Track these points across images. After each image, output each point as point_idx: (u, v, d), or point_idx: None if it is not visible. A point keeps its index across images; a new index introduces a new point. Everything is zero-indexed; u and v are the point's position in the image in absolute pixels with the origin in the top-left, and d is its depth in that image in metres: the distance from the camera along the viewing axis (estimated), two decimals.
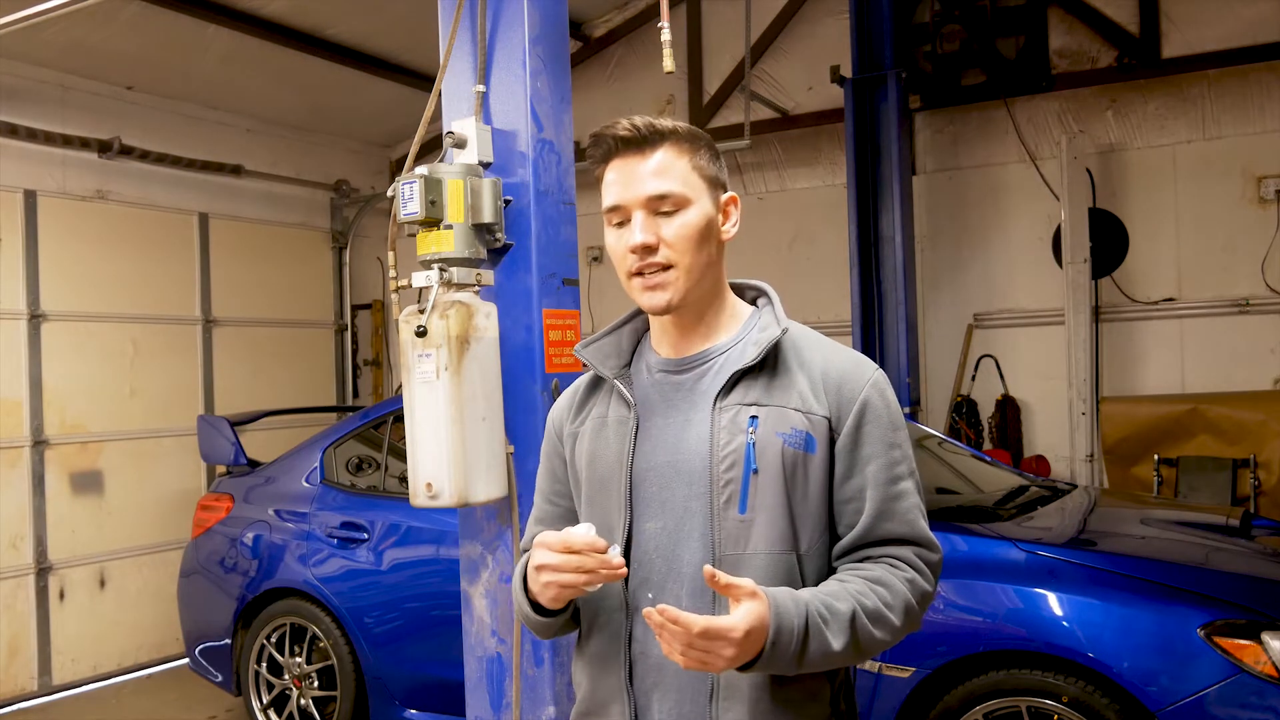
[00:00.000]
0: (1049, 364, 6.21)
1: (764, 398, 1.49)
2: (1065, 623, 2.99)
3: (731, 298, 1.61)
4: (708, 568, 1.31)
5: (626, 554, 1.50)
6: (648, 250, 1.48)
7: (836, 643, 1.38)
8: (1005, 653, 3.02)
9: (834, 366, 1.53)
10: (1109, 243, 6.08)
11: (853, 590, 1.42)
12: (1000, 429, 6.31)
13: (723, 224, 1.56)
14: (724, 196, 1.56)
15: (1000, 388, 6.41)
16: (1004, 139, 6.38)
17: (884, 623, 1.42)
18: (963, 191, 6.54)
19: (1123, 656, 2.86)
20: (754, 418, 1.48)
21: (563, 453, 1.67)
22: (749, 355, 1.51)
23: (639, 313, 1.67)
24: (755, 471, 1.46)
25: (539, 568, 1.44)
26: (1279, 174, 5.71)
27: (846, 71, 6.19)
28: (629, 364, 1.63)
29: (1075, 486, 4.35)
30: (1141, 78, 6.00)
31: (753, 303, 1.64)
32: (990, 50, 6.25)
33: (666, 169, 1.49)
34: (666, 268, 1.49)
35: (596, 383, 1.66)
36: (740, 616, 1.30)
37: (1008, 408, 6.32)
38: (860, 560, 1.49)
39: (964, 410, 6.41)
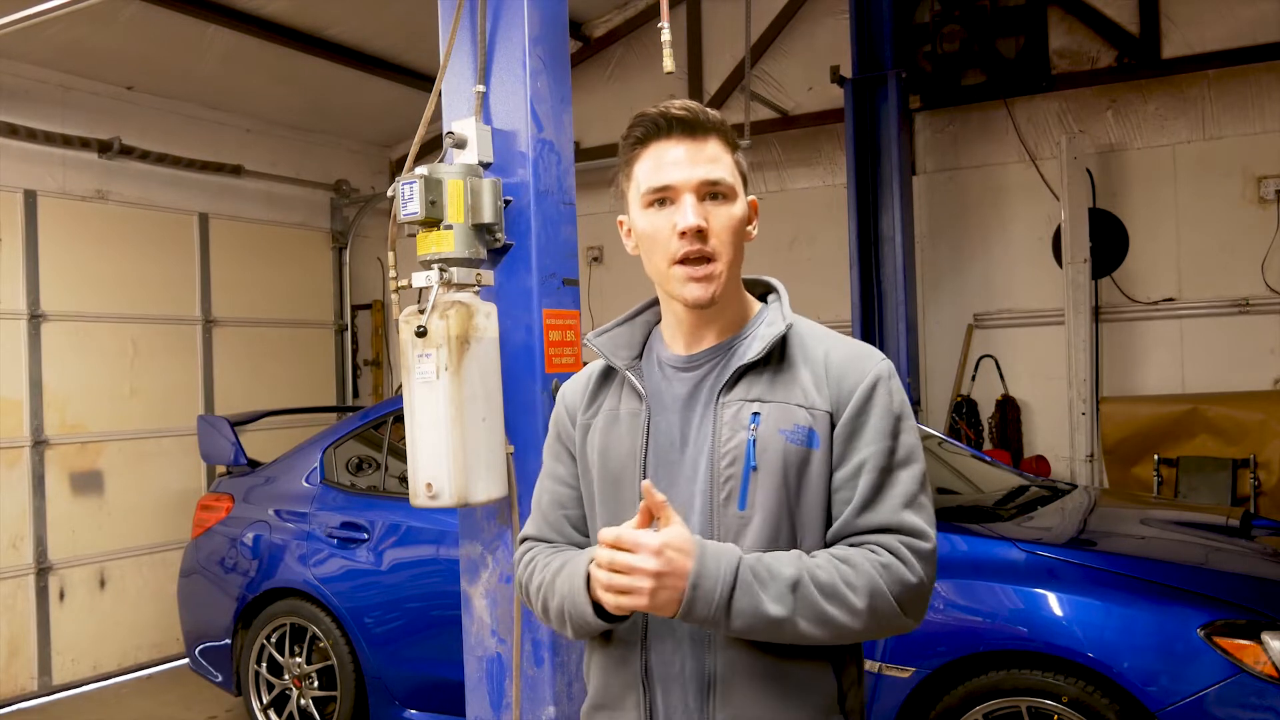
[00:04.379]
0: (1049, 364, 6.21)
1: (767, 394, 1.48)
2: (1065, 623, 2.99)
3: (744, 294, 1.60)
4: (646, 481, 1.35)
5: None
6: (700, 235, 1.45)
7: (773, 608, 1.35)
8: (1005, 653, 3.02)
9: (836, 359, 1.50)
10: (1109, 243, 6.08)
11: (808, 562, 1.39)
12: (1000, 429, 6.31)
13: (747, 225, 1.55)
14: (749, 198, 1.56)
15: (1000, 388, 6.42)
16: (1004, 139, 6.38)
17: (840, 600, 1.37)
18: (963, 191, 6.54)
19: (1123, 656, 2.86)
20: (756, 414, 1.47)
21: (574, 439, 1.64)
22: (753, 351, 1.50)
23: (651, 305, 1.66)
24: (755, 469, 1.45)
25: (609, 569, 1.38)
26: (1279, 174, 5.71)
27: (846, 71, 6.19)
28: (639, 356, 1.61)
29: (1075, 486, 4.35)
30: (1141, 78, 6.00)
31: (761, 298, 1.63)
32: (990, 50, 6.25)
33: (718, 158, 1.49)
34: (710, 259, 1.47)
35: (607, 374, 1.64)
36: (660, 535, 1.34)
37: (1008, 408, 6.32)
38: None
39: (964, 410, 6.41)
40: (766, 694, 1.45)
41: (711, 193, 1.48)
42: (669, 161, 1.47)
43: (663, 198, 1.48)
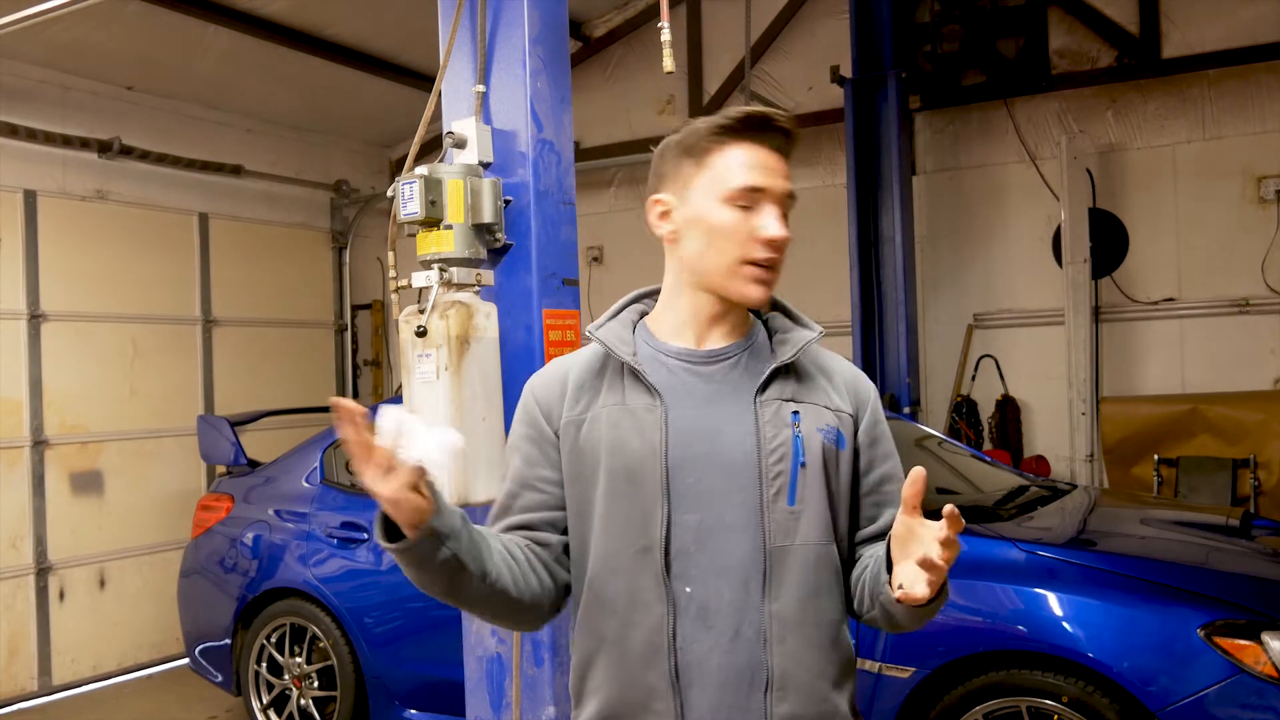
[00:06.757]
0: (1049, 364, 6.21)
1: (799, 395, 1.55)
2: (1065, 623, 2.99)
3: None
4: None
5: (665, 547, 1.48)
6: (783, 246, 1.52)
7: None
8: (1005, 653, 3.03)
9: (846, 370, 1.65)
10: (1109, 243, 6.08)
11: None
12: (1000, 429, 6.31)
13: None
14: None
15: (1000, 388, 6.41)
16: (1004, 139, 6.38)
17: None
18: (963, 191, 6.54)
19: (1123, 656, 2.86)
20: (796, 413, 1.53)
21: (555, 440, 1.60)
22: (784, 354, 1.56)
23: (634, 300, 1.68)
24: (804, 465, 1.50)
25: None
26: (1279, 174, 5.71)
27: (846, 71, 6.19)
28: (634, 351, 1.59)
29: (1075, 486, 4.35)
30: (1141, 78, 6.00)
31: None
32: (990, 50, 6.25)
33: (790, 175, 1.56)
34: (775, 266, 1.54)
35: (599, 369, 1.61)
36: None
37: (1008, 408, 6.32)
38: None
39: (964, 410, 6.41)
40: (820, 687, 1.49)
41: (789, 207, 1.55)
42: (766, 166, 1.51)
43: (749, 201, 1.50)
